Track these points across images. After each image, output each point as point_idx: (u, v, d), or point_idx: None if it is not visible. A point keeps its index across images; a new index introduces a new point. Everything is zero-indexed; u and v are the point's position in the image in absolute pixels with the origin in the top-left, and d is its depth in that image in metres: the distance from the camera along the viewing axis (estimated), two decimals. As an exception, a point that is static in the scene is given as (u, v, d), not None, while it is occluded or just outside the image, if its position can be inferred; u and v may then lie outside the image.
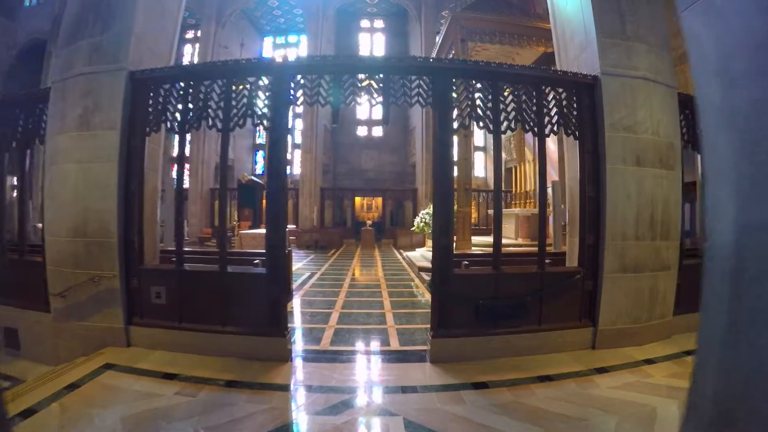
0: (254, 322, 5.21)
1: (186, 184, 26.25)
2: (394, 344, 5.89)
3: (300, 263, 14.89)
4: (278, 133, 5.22)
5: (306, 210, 24.31)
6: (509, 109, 5.71)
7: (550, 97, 5.92)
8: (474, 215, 21.07)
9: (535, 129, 5.78)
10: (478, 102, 5.56)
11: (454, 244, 12.52)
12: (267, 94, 5.29)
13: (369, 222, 23.00)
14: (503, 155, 27.78)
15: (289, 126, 28.57)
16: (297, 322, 7.04)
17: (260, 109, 5.27)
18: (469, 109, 5.51)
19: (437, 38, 18.89)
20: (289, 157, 29.52)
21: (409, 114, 30.35)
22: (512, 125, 5.72)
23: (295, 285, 10.27)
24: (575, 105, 5.98)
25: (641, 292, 5.81)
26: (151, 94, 5.64)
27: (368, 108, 31.26)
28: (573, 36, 6.66)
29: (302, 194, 24.67)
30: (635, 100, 5.90)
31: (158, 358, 5.07)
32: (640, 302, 5.81)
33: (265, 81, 5.35)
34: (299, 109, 27.54)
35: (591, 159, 5.91)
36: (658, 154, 5.93)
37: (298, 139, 27.53)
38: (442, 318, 5.29)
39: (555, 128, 5.87)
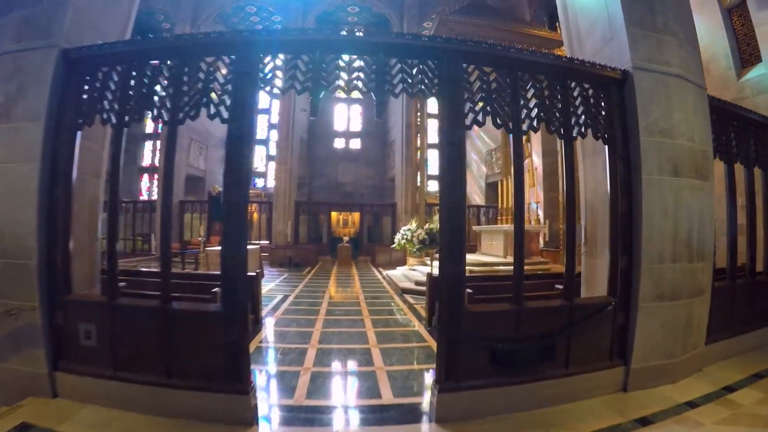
0: (208, 373, 3.95)
1: (153, 196, 25.06)
2: (386, 394, 4.69)
3: (272, 283, 13.62)
4: (241, 127, 4.01)
5: (280, 225, 23.01)
6: (531, 105, 4.68)
7: (576, 93, 4.95)
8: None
9: (561, 130, 4.77)
10: (494, 95, 4.50)
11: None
12: (228, 77, 4.12)
13: (346, 238, 21.75)
14: (484, 170, 27.37)
15: (267, 122, 28.03)
16: (266, 361, 5.81)
17: (218, 96, 4.09)
18: (483, 103, 4.43)
19: None
20: (263, 169, 28.52)
21: (388, 126, 29.49)
22: (534, 124, 4.67)
23: (265, 310, 9.06)
24: (603, 104, 5.05)
25: (677, 322, 5.02)
26: (87, 78, 4.40)
27: (346, 119, 30.38)
28: (592, 28, 5.77)
29: (276, 208, 23.33)
30: (670, 99, 5.08)
31: (89, 417, 3.87)
32: (675, 334, 5.02)
33: (226, 61, 4.18)
34: (275, 119, 26.54)
35: (623, 167, 4.97)
36: (694, 163, 5.13)
37: (273, 151, 26.36)
38: (450, 368, 4.13)
39: (582, 130, 4.88)
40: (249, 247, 13.66)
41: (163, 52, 4.32)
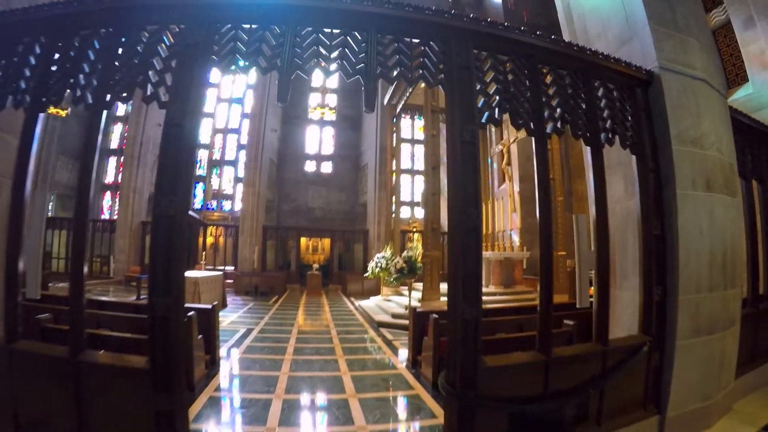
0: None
1: (115, 215, 23.58)
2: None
3: (235, 314, 12.39)
4: (182, 112, 2.96)
5: (246, 250, 21.74)
6: (553, 103, 3.84)
7: (600, 93, 4.21)
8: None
9: (588, 135, 3.95)
10: (512, 87, 3.62)
11: (421, 294, 10.32)
12: (173, 49, 3.11)
13: (315, 265, 20.54)
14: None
15: (237, 142, 26.88)
16: (219, 419, 4.68)
17: (158, 73, 3.06)
18: (499, 96, 3.54)
19: (388, 90, 17.57)
20: (231, 191, 27.27)
21: (361, 150, 28.74)
22: (558, 126, 3.81)
23: (225, 347, 7.91)
24: (629, 107, 4.34)
25: (713, 358, 4.43)
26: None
27: (318, 141, 29.41)
28: (605, 29, 5.22)
29: (242, 232, 22.16)
30: (698, 105, 4.52)
31: None
32: (711, 372, 4.44)
33: (175, 30, 3.17)
34: (244, 140, 25.51)
35: (654, 182, 4.28)
36: (724, 177, 4.61)
37: (241, 173, 25.21)
38: (463, 440, 3.09)
39: (609, 136, 4.12)
40: (210, 273, 12.40)
41: (94, 20, 3.28)
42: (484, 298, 11.67)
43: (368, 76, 3.22)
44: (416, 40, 3.42)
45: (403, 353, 7.91)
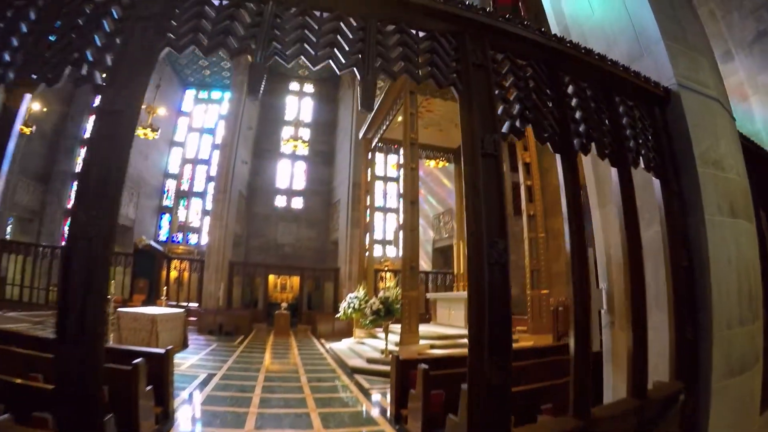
0: None
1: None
2: None
3: (197, 356, 11.40)
4: (118, 98, 2.21)
5: (211, 286, 20.60)
6: (577, 116, 3.27)
7: (621, 110, 3.70)
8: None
9: (614, 155, 3.46)
10: (533, 95, 3.04)
11: (399, 337, 9.49)
12: (119, 24, 2.40)
13: (284, 304, 19.52)
14: (431, 234, 26.30)
15: (206, 174, 26.29)
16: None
17: (98, 51, 2.34)
18: (519, 105, 2.93)
19: (368, 115, 17.18)
20: (198, 224, 26.31)
21: (333, 185, 28.30)
22: (584, 142, 3.23)
23: (182, 396, 6.99)
24: (649, 127, 3.90)
25: (743, 400, 3.90)
26: None
27: (289, 176, 28.81)
28: (611, 47, 4.76)
29: (208, 267, 21.01)
30: (716, 126, 4.24)
31: None
32: (743, 414, 3.90)
33: (124, 3, 2.48)
34: (214, 171, 24.77)
35: (679, 207, 3.82)
36: (744, 201, 4.29)
37: (210, 206, 24.42)
38: None
39: (633, 157, 3.60)
40: (171, 310, 11.40)
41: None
42: (465, 340, 11.07)
43: (365, 67, 2.55)
44: (424, 33, 2.80)
45: (384, 404, 7.13)
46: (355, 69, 2.54)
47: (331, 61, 2.52)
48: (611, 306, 4.64)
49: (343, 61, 2.53)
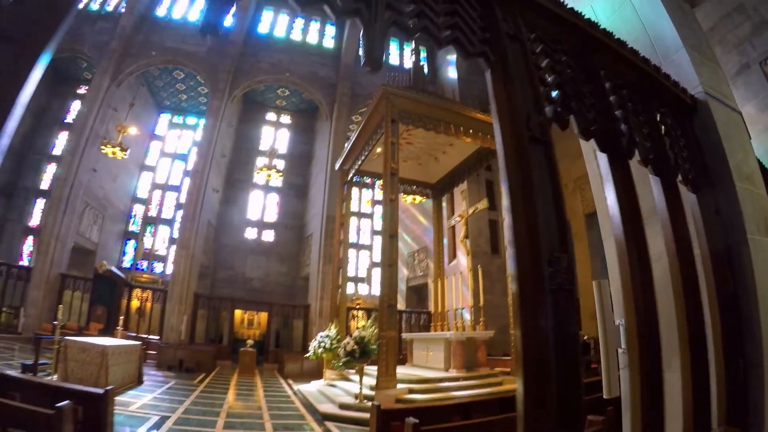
0: None
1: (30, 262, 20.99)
2: None
3: (151, 394, 10.32)
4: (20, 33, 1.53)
5: (174, 319, 19.31)
6: (617, 114, 2.73)
7: (657, 117, 3.37)
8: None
9: (656, 164, 2.93)
10: (572, 83, 2.47)
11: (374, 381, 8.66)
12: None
13: (250, 341, 18.31)
14: (405, 272, 25.69)
15: (176, 201, 25.45)
16: None
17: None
18: (561, 91, 2.34)
19: (346, 144, 16.74)
20: (164, 252, 25.21)
21: (306, 219, 27.67)
22: (628, 144, 2.69)
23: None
24: (681, 136, 3.55)
25: None
26: None
27: (261, 208, 28.06)
28: None
29: (171, 298, 19.76)
30: (743, 139, 3.97)
31: None
32: None
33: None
34: (183, 198, 23.91)
35: (720, 226, 3.44)
36: None
37: (177, 233, 23.25)
38: None
39: (674, 167, 3.27)
40: (126, 342, 10.26)
41: None
42: (447, 384, 10.33)
43: (371, 14, 1.91)
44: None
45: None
46: (358, 18, 1.90)
47: (326, 5, 1.87)
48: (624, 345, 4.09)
49: (341, 6, 1.88)
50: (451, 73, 25.99)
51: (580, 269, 21.02)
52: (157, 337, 19.17)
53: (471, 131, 13.35)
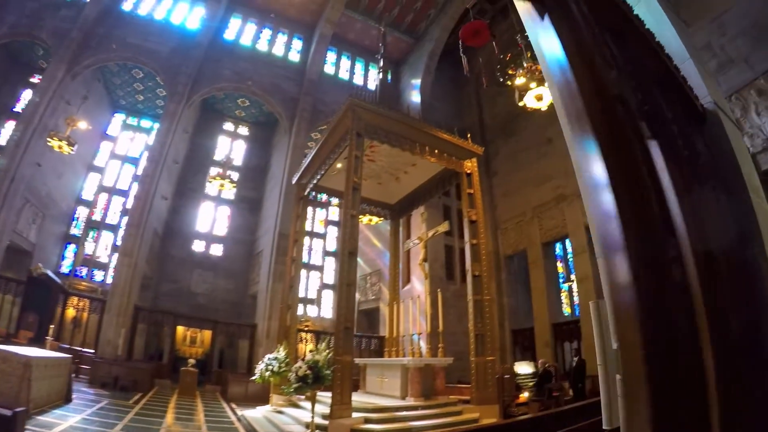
0: None
1: None
2: None
3: (78, 416, 9.28)
4: None
5: (111, 332, 17.74)
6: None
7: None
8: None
9: None
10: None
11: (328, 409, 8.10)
12: None
13: (192, 360, 17.20)
14: (357, 295, 25.15)
15: (122, 206, 24.27)
16: None
17: None
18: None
19: (306, 158, 16.20)
20: (105, 260, 23.87)
21: (257, 235, 26.89)
22: None
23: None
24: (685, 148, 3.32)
25: None
26: None
27: (211, 220, 27.15)
28: None
29: (110, 309, 18.22)
30: (746, 152, 3.93)
31: None
32: None
33: None
34: (130, 204, 22.60)
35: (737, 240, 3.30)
36: None
37: (120, 240, 21.99)
38: None
39: None
40: (54, 354, 8.99)
41: None
42: (405, 413, 9.75)
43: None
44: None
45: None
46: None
47: None
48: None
49: None
50: (415, 97, 25.86)
51: (536, 298, 21.08)
52: (92, 351, 17.71)
53: (436, 151, 13.04)
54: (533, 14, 3.16)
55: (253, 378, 12.45)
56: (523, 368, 15.41)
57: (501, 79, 27.43)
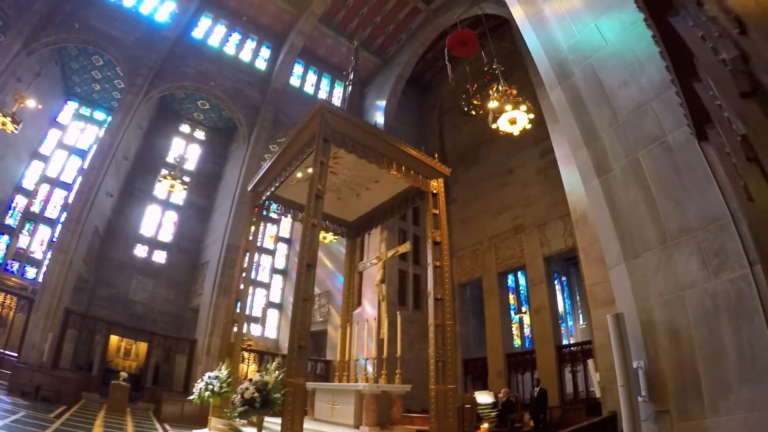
0: None
1: None
2: None
3: (-14, 431, 8.25)
4: None
5: (37, 335, 16.01)
6: None
7: None
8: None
9: None
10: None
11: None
12: None
13: (125, 374, 15.91)
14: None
15: (64, 200, 22.09)
16: None
17: None
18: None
19: (264, 165, 15.50)
20: (40, 256, 22.24)
21: (204, 245, 25.76)
22: None
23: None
24: None
25: None
26: None
27: (156, 225, 25.85)
28: (634, 76, 4.63)
29: (38, 309, 16.54)
30: None
31: None
32: None
33: None
34: (72, 198, 21.10)
35: None
36: None
37: (57, 236, 20.22)
38: None
39: None
40: None
41: None
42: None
43: None
44: None
45: None
46: None
47: None
48: (657, 390, 3.49)
49: None
50: (379, 117, 25.79)
51: (490, 327, 20.84)
52: (15, 355, 16.07)
53: (404, 168, 12.58)
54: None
55: (191, 398, 11.40)
56: (483, 398, 15.04)
57: (466, 108, 27.70)
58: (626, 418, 3.01)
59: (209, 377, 11.01)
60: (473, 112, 27.21)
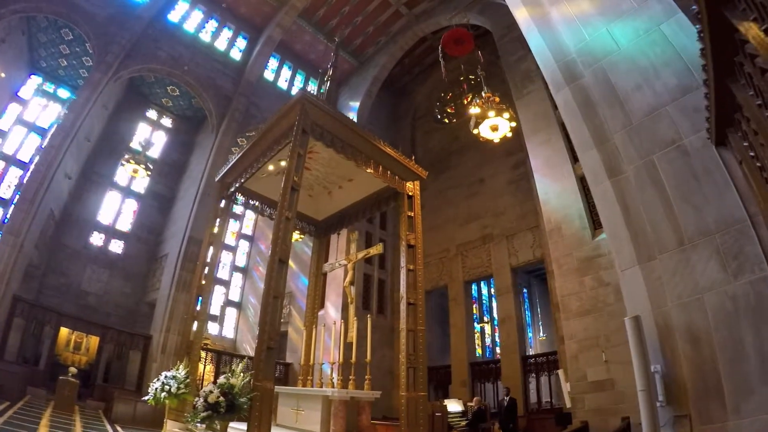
0: None
1: None
2: None
3: None
4: None
5: None
6: None
7: None
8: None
9: None
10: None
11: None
12: None
13: (74, 369, 15.11)
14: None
15: (19, 180, 20.89)
16: None
17: None
18: None
19: (235, 154, 15.04)
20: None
21: (164, 236, 24.83)
22: None
23: None
24: None
25: None
26: None
27: (115, 213, 24.80)
28: (649, 80, 4.50)
29: None
30: None
31: None
32: None
33: None
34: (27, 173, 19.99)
35: None
36: None
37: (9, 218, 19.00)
38: None
39: None
40: None
41: None
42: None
43: None
44: None
45: None
46: None
47: None
48: (675, 394, 3.48)
49: None
50: (352, 118, 25.57)
51: (455, 335, 20.80)
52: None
53: (380, 168, 12.34)
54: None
55: (146, 398, 10.80)
56: (453, 406, 14.94)
57: (439, 116, 27.77)
58: (646, 424, 2.87)
59: (166, 377, 10.40)
60: (446, 120, 27.33)
